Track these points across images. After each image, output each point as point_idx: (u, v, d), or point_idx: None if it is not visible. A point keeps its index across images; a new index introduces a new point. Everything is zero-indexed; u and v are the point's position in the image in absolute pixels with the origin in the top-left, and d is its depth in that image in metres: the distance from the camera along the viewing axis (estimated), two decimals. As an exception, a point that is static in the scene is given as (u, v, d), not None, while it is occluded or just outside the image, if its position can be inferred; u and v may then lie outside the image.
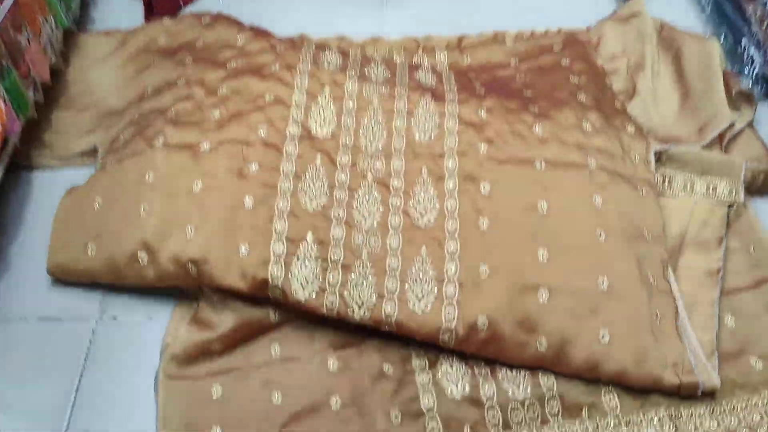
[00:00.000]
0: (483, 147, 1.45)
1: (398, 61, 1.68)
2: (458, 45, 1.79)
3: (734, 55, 1.77)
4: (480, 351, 1.26)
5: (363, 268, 1.31)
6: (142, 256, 1.32)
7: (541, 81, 1.64)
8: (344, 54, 1.60)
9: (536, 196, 1.39)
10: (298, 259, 1.28)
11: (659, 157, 1.51)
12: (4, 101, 1.38)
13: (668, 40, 1.74)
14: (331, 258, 1.30)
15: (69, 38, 1.76)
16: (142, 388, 1.26)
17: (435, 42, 1.79)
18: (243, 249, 1.28)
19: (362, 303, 1.27)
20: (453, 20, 1.88)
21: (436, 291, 1.28)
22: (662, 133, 1.59)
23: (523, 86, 1.63)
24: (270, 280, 1.25)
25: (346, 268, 1.30)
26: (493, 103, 1.53)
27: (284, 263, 1.27)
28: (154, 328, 1.34)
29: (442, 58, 1.75)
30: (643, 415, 1.24)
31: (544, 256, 1.32)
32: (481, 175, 1.42)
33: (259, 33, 1.66)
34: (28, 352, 1.32)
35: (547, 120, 1.49)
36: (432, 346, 1.28)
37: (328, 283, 1.27)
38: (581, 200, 1.39)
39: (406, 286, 1.29)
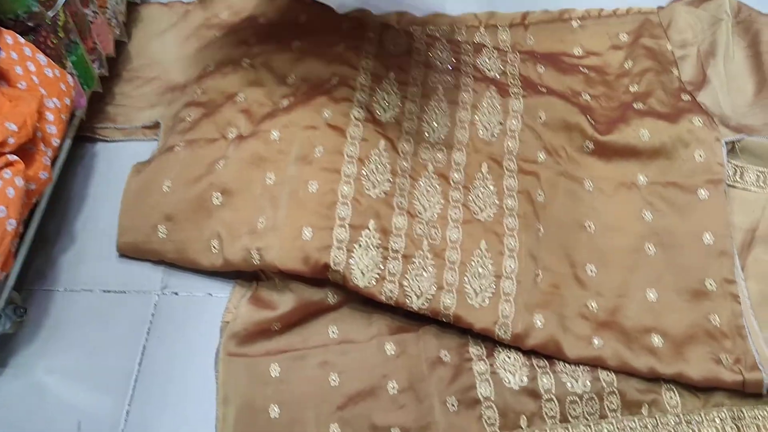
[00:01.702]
0: (541, 156, 1.44)
1: (462, 41, 1.64)
2: (522, 21, 1.73)
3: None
4: (536, 348, 1.26)
5: (423, 259, 1.31)
6: (215, 245, 1.34)
7: (601, 88, 1.60)
8: (408, 34, 1.57)
9: (584, 215, 1.40)
10: (359, 247, 1.28)
11: (731, 147, 1.45)
12: (72, 76, 1.39)
13: (746, 22, 1.66)
14: (392, 247, 1.30)
15: (131, 10, 1.76)
16: (203, 363, 1.30)
17: (498, 19, 1.73)
18: (306, 233, 1.28)
19: (421, 293, 1.27)
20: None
21: (494, 287, 1.29)
22: (734, 122, 1.53)
23: (584, 87, 1.58)
24: (331, 264, 1.25)
25: (407, 258, 1.30)
26: (553, 110, 1.50)
27: (346, 249, 1.27)
28: (213, 305, 1.37)
29: (504, 37, 1.70)
30: (705, 414, 1.22)
31: (592, 270, 1.35)
32: (538, 183, 1.42)
33: (322, 8, 1.63)
34: (93, 322, 1.36)
35: (601, 136, 1.46)
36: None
37: (389, 271, 1.28)
38: (629, 218, 1.40)
39: (465, 279, 1.30)
